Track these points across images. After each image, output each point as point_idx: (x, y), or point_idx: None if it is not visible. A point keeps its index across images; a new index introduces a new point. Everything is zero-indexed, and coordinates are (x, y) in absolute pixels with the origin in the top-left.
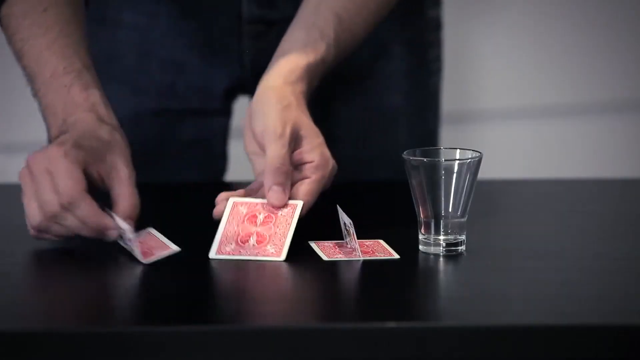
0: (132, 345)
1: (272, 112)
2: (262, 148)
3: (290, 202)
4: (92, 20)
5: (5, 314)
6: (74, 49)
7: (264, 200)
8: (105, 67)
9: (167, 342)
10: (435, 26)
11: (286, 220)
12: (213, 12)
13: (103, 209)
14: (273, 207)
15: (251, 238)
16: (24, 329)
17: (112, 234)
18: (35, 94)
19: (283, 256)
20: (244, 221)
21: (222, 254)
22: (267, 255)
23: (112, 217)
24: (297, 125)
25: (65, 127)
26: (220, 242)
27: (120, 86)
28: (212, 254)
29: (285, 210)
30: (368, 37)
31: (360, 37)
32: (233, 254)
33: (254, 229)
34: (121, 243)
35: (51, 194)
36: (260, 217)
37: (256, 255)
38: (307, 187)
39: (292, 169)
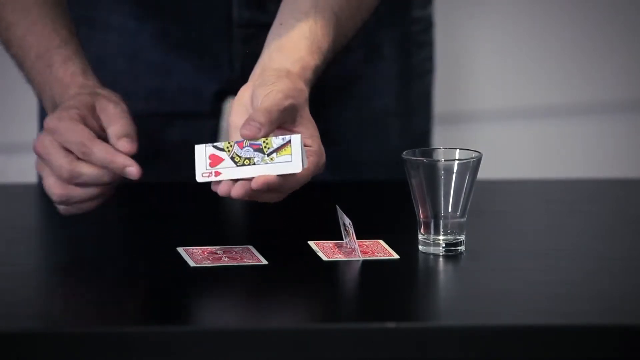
0: (133, 345)
1: (283, 82)
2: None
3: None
4: (81, 24)
5: (5, 314)
6: (52, 26)
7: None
8: (94, 70)
9: (167, 342)
10: (426, 26)
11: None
12: (203, 15)
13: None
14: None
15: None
16: (24, 329)
17: (133, 172)
18: (27, 79)
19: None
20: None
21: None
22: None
23: None
24: (299, 107)
25: (57, 106)
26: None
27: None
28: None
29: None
30: (357, 39)
31: (349, 39)
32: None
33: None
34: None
35: (61, 158)
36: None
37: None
38: None
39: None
